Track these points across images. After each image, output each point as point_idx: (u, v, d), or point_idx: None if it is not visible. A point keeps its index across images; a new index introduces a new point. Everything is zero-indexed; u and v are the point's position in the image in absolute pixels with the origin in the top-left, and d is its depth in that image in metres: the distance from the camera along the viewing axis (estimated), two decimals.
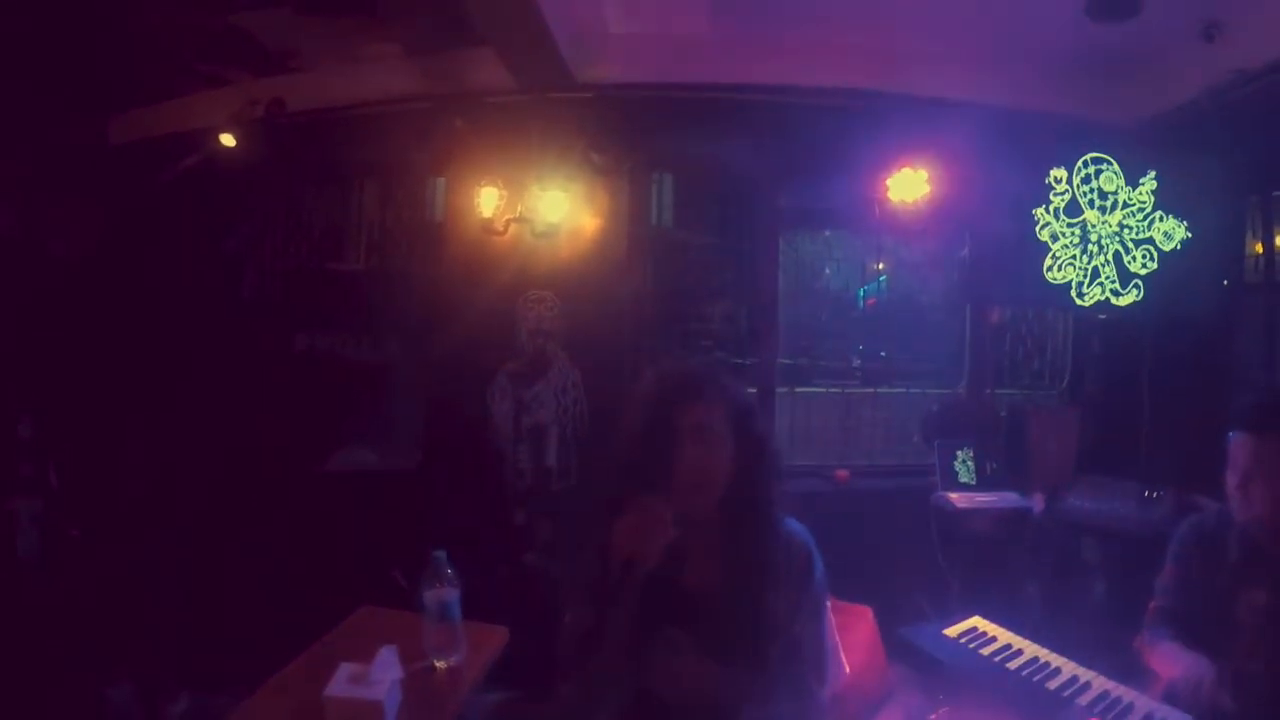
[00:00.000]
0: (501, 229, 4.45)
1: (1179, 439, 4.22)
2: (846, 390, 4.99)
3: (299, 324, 4.74)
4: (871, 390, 5.02)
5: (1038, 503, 4.26)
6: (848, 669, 3.52)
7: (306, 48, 4.35)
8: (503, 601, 2.79)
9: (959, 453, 4.42)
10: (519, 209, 4.44)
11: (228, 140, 4.34)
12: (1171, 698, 2.22)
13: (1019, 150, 4.45)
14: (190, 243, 4.63)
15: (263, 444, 4.46)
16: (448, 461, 4.54)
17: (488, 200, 4.42)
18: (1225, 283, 4.44)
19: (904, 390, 4.98)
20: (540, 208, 4.41)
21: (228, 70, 4.47)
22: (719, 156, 4.55)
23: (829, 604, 2.15)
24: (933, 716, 3.31)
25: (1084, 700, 2.19)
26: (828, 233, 5.01)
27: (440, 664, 2.41)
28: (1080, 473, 4.42)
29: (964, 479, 4.39)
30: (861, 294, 5.58)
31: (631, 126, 4.51)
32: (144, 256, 4.52)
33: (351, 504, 4.43)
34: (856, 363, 5.33)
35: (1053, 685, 2.26)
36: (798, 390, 4.93)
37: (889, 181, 4.38)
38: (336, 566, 3.97)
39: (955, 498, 4.25)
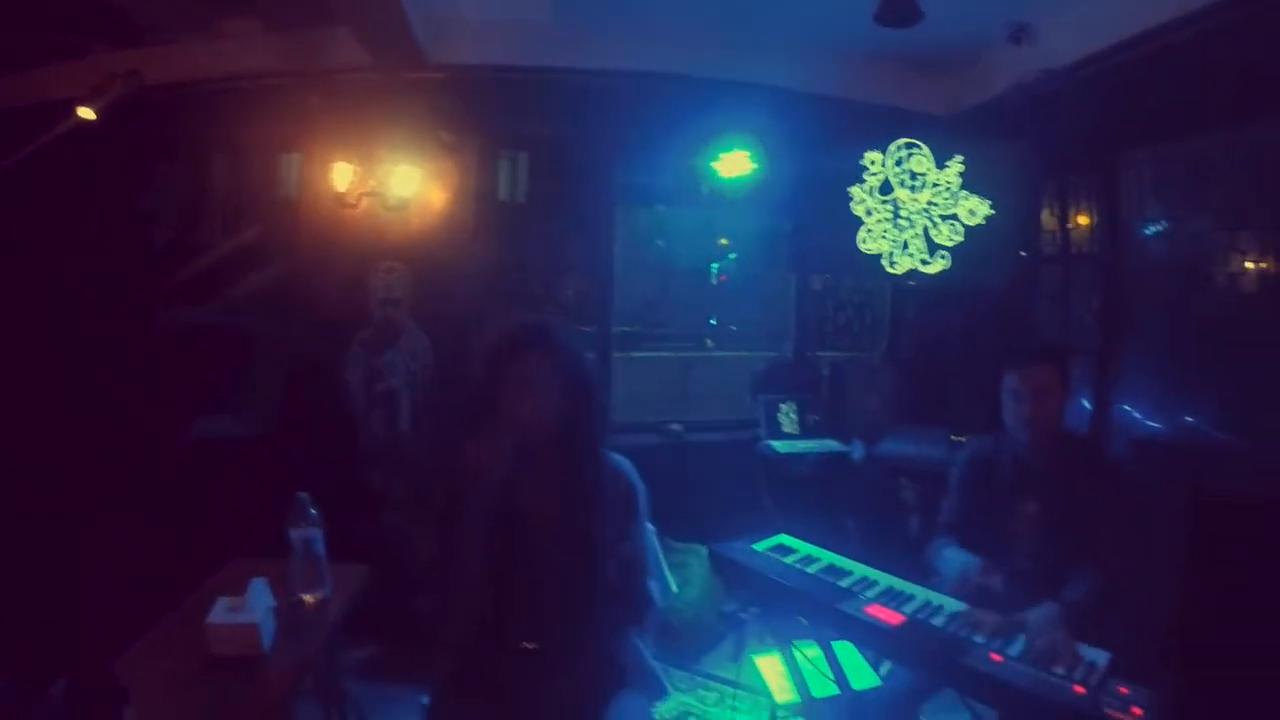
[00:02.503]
0: (354, 203, 4.64)
1: (983, 391, 4.63)
2: (681, 355, 5.30)
3: (158, 297, 4.80)
4: (705, 354, 5.34)
5: (858, 449, 4.64)
6: (675, 588, 3.84)
7: (167, 21, 4.44)
8: (365, 558, 2.98)
9: (782, 406, 4.80)
10: (371, 184, 4.63)
11: (86, 114, 4.37)
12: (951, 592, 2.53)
13: (839, 134, 4.89)
14: (46, 217, 4.64)
15: (122, 414, 4.51)
16: (305, 427, 4.67)
17: (341, 175, 4.61)
18: (1023, 254, 4.89)
19: (737, 354, 5.32)
20: (392, 182, 4.62)
21: (86, 41, 4.51)
22: (561, 136, 4.85)
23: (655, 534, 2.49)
24: (743, 615, 3.65)
25: (870, 594, 2.48)
26: (660, 208, 5.30)
27: (308, 598, 2.58)
28: (896, 422, 4.83)
29: (787, 429, 4.77)
30: (715, 268, 5.90)
31: (480, 106, 4.76)
32: None
33: (212, 470, 4.51)
34: (710, 338, 5.62)
35: (844, 584, 2.55)
36: (634, 355, 5.22)
37: (717, 160, 4.72)
38: (198, 532, 4.03)
39: (778, 445, 4.60)
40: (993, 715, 2.40)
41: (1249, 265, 3.91)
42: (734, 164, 4.73)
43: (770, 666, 3.06)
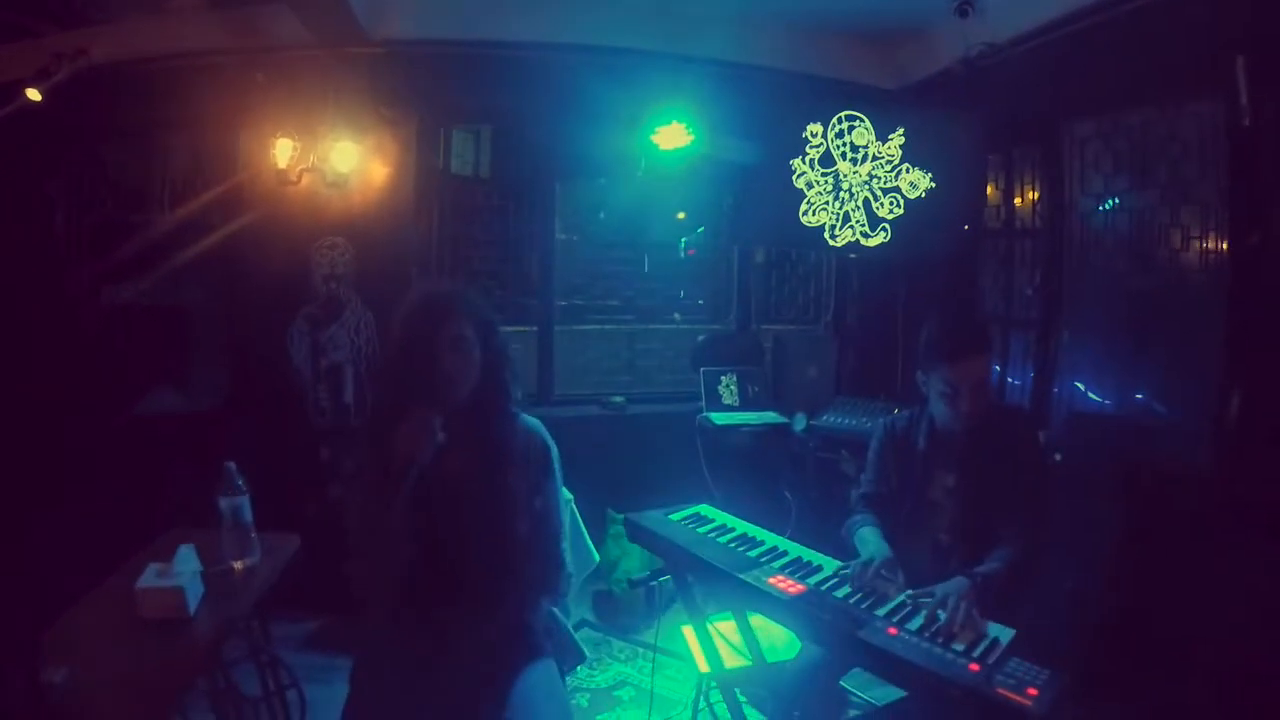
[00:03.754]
0: (296, 179, 4.65)
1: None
2: (622, 326, 5.34)
3: (105, 274, 4.83)
4: (647, 326, 5.38)
5: (800, 421, 4.67)
6: (597, 557, 3.88)
7: None
8: (311, 532, 3.03)
9: (723, 378, 4.83)
10: (312, 159, 4.64)
11: (33, 95, 4.40)
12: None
13: (781, 106, 4.88)
14: None
15: (69, 390, 4.54)
16: (251, 402, 4.72)
17: (283, 151, 4.62)
18: (966, 228, 4.92)
19: (677, 326, 5.36)
20: (333, 158, 4.63)
21: (31, 21, 4.51)
22: (502, 110, 4.87)
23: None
24: (653, 584, 3.69)
25: (777, 564, 2.52)
26: (602, 181, 5.32)
27: (237, 565, 2.66)
28: (837, 394, 4.87)
29: (727, 401, 4.79)
30: (683, 243, 5.91)
31: (420, 81, 4.76)
32: None
33: (157, 445, 4.54)
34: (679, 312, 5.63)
35: (753, 553, 2.58)
36: (578, 327, 5.26)
37: (655, 133, 4.74)
38: (143, 506, 4.07)
39: (715, 417, 4.64)
40: None
41: (1190, 240, 3.90)
42: (672, 136, 4.74)
43: (703, 635, 3.08)
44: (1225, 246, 3.74)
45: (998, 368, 4.85)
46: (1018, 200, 4.91)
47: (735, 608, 2.74)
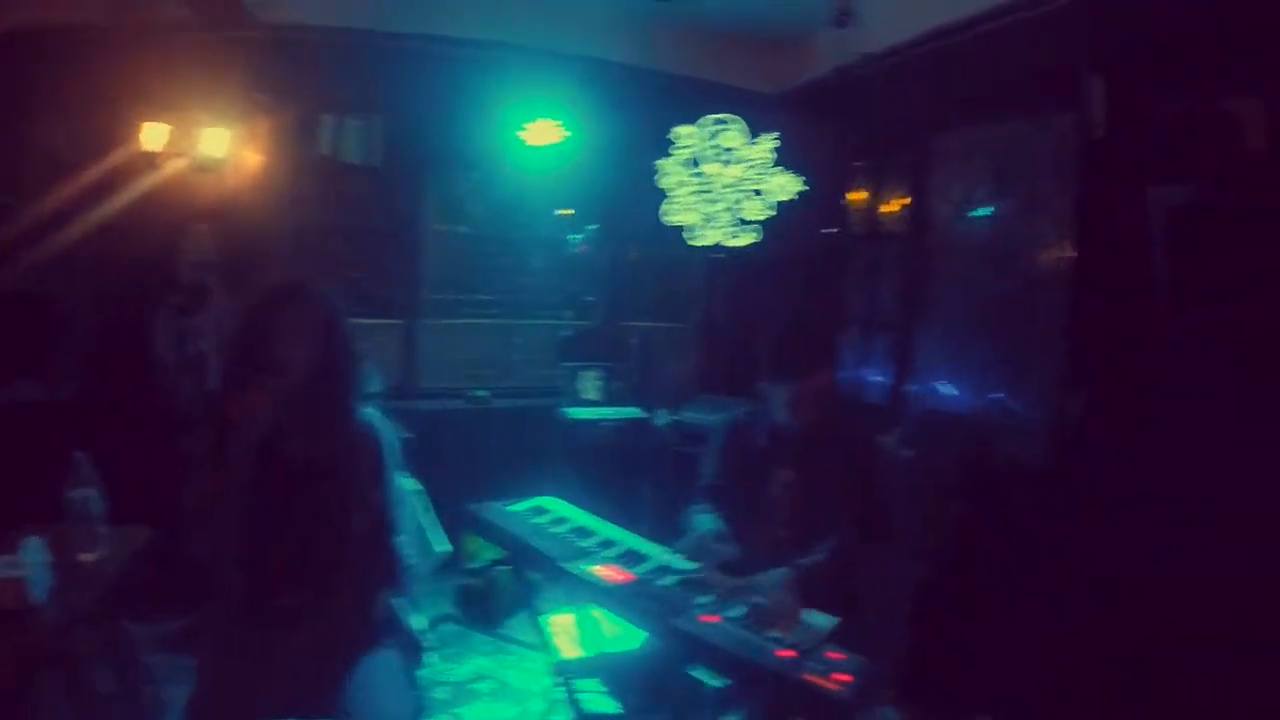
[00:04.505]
0: (165, 163, 4.61)
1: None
2: (499, 321, 5.34)
3: None
4: (521, 322, 5.40)
5: (662, 417, 4.75)
6: (441, 548, 3.89)
7: None
8: (171, 525, 3.01)
9: (587, 374, 4.88)
10: (184, 144, 4.60)
11: None
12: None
13: (656, 106, 5.00)
14: None
15: None
16: (114, 390, 4.66)
17: (154, 134, 4.58)
18: (831, 231, 5.03)
19: (546, 321, 5.38)
20: (204, 143, 4.59)
21: None
22: (378, 99, 4.88)
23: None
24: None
25: (608, 554, 2.59)
26: (476, 174, 5.33)
27: (86, 557, 2.61)
28: (701, 391, 4.96)
29: (590, 396, 4.86)
30: (576, 239, 5.90)
31: (300, 68, 4.74)
32: None
33: (15, 436, 4.48)
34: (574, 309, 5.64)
35: (585, 544, 2.66)
36: (451, 321, 5.27)
37: (529, 129, 4.80)
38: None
39: (575, 412, 4.70)
40: None
41: (1044, 247, 4.08)
42: (545, 132, 4.79)
43: (555, 626, 3.11)
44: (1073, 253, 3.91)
45: (858, 368, 4.98)
46: (885, 206, 5.02)
47: (570, 598, 2.80)
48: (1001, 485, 3.95)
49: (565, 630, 2.85)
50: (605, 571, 2.43)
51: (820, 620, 2.22)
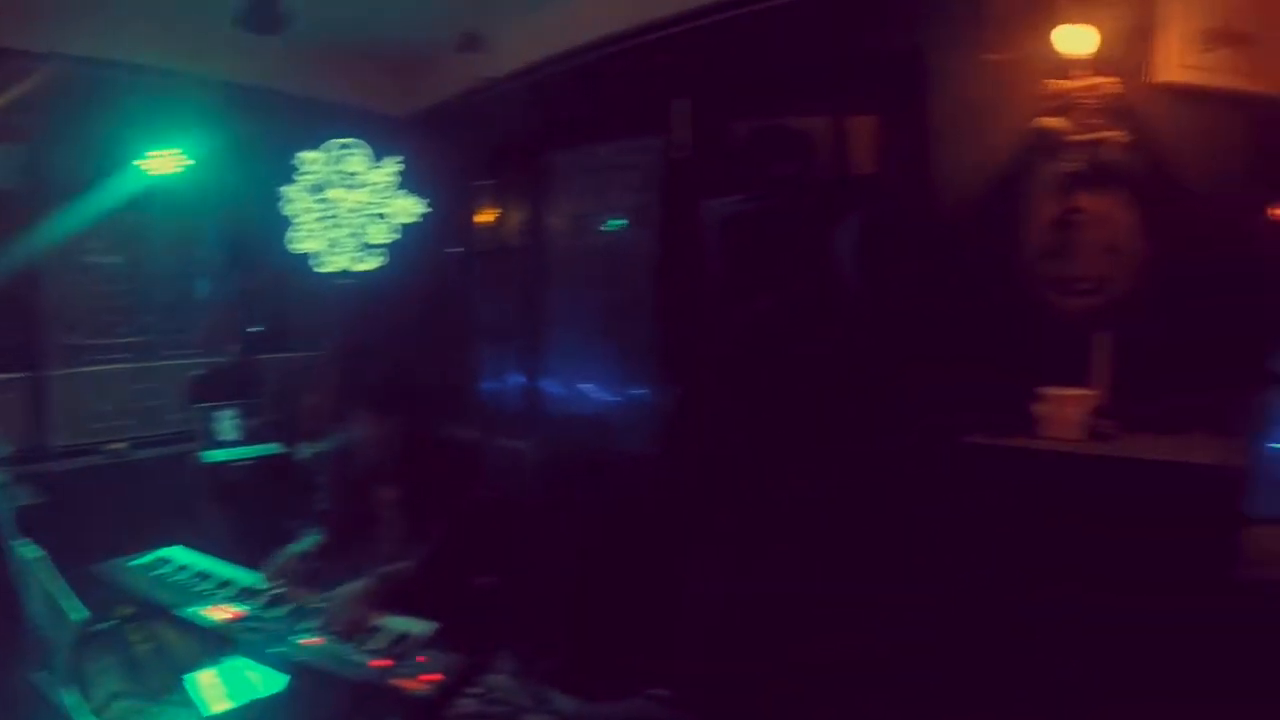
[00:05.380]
0: None
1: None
2: (131, 366, 5.11)
3: None
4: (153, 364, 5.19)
5: (304, 450, 4.79)
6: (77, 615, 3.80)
7: None
8: None
9: (222, 414, 4.84)
10: None
11: None
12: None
13: (283, 130, 4.91)
14: None
15: None
16: None
17: None
18: (455, 250, 5.20)
19: (183, 361, 5.19)
20: None
21: None
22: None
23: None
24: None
25: (223, 594, 2.63)
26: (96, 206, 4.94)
27: None
28: (339, 422, 5.01)
29: (227, 436, 4.81)
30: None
31: None
32: None
33: None
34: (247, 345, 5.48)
35: (201, 587, 2.68)
36: (85, 369, 4.98)
37: (147, 158, 4.59)
38: None
39: (211, 455, 4.67)
40: None
41: (645, 256, 4.44)
42: (166, 161, 4.63)
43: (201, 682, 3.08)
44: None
45: (489, 379, 5.21)
46: (507, 224, 5.22)
47: (198, 646, 2.71)
48: (619, 474, 4.29)
49: (211, 685, 2.88)
50: (217, 612, 2.46)
51: (414, 625, 2.34)
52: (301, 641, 2.29)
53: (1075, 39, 3.36)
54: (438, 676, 2.08)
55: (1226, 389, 3.27)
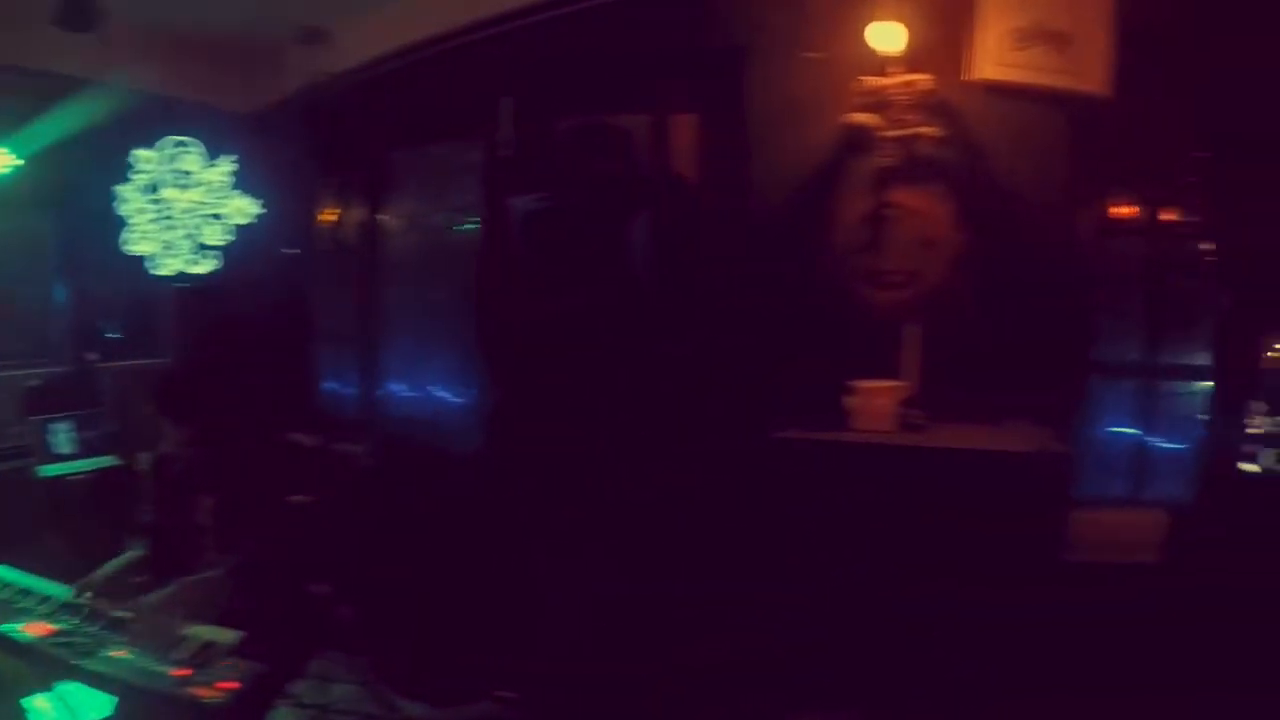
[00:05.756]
0: None
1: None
2: None
3: None
4: None
5: (145, 460, 4.67)
6: None
7: None
8: None
9: (57, 426, 4.69)
10: None
11: None
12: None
13: (112, 126, 4.67)
14: None
15: None
16: None
17: None
18: (292, 250, 5.12)
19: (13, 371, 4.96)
20: None
21: None
22: None
23: None
24: None
25: (40, 610, 2.53)
26: None
27: None
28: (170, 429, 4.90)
29: (65, 450, 4.67)
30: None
31: None
32: None
33: None
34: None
35: (23, 604, 2.57)
36: None
37: None
38: None
39: (46, 470, 4.53)
40: None
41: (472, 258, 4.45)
42: None
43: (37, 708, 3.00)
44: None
45: (328, 381, 5.16)
46: (345, 223, 5.12)
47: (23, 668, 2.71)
48: (451, 475, 4.29)
49: (45, 711, 2.82)
50: (33, 629, 2.40)
51: (219, 634, 2.31)
52: (111, 654, 2.24)
53: (890, 37, 3.40)
54: (235, 684, 2.06)
55: (1038, 379, 3.36)
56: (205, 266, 4.77)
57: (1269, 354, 3.61)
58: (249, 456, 3.05)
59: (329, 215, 5.15)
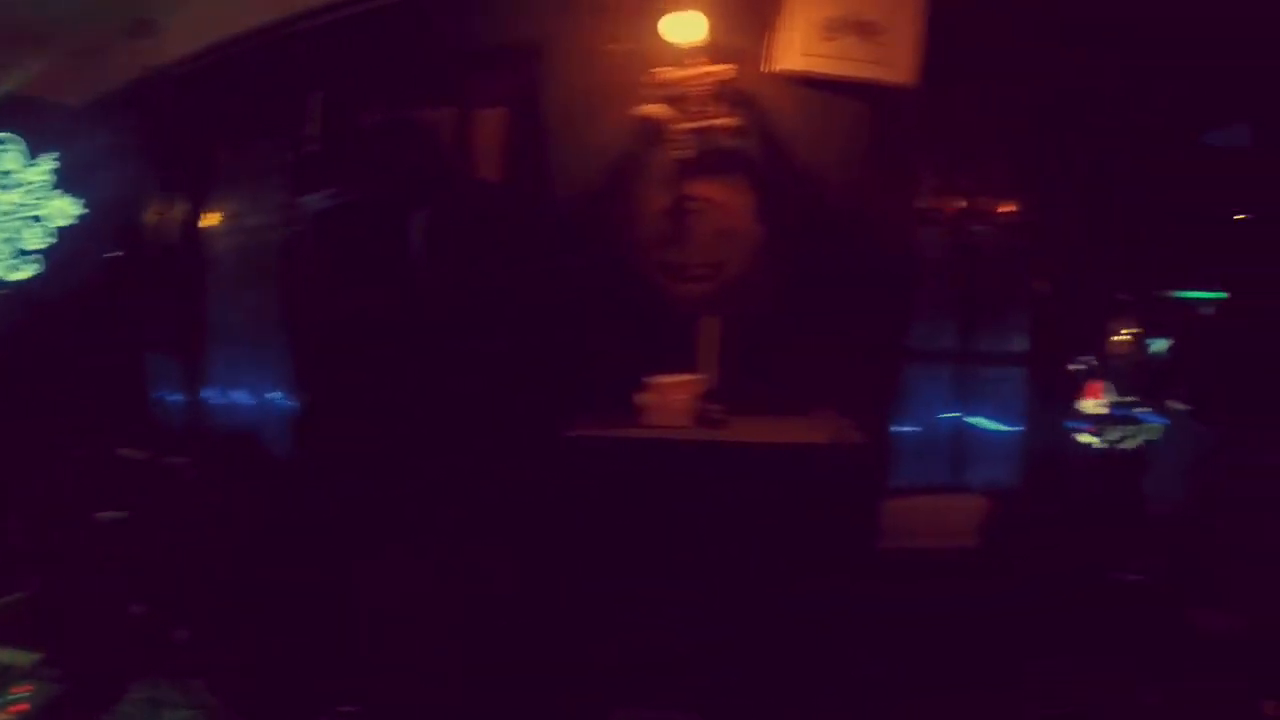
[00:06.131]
0: None
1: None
2: None
3: None
4: None
5: None
6: None
7: None
8: None
9: None
10: None
11: None
12: None
13: None
14: None
15: None
16: None
17: None
18: (114, 254, 4.93)
19: None
20: None
21: None
22: None
23: None
24: None
25: None
26: None
27: None
28: None
29: None
30: None
31: None
32: None
33: None
34: None
35: None
36: None
37: None
38: None
39: None
40: None
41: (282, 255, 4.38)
42: None
43: None
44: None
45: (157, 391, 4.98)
46: (173, 223, 4.93)
47: None
48: (272, 484, 4.16)
49: None
50: None
51: (14, 657, 2.29)
52: None
53: (691, 28, 3.36)
54: (24, 707, 2.06)
55: (842, 370, 3.35)
56: (25, 273, 4.53)
57: (1094, 339, 3.67)
58: (65, 470, 2.92)
59: (154, 216, 4.96)
